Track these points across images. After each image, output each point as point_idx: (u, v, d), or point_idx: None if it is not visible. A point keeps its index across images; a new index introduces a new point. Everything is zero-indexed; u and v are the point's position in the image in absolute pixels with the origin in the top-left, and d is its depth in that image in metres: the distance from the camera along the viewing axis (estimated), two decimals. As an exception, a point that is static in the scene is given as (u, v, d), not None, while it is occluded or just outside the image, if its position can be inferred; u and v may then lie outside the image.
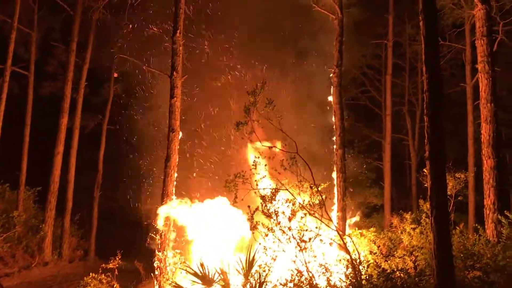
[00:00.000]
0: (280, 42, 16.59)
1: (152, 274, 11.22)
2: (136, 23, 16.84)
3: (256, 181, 8.44)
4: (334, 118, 11.66)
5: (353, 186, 18.76)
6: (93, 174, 19.97)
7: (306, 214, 8.05)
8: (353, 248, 8.20)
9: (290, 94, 15.39)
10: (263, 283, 7.79)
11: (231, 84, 16.14)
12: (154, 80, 16.80)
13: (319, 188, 8.30)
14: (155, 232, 11.29)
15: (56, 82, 20.51)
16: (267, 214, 8.03)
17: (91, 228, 19.50)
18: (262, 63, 16.14)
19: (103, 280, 9.80)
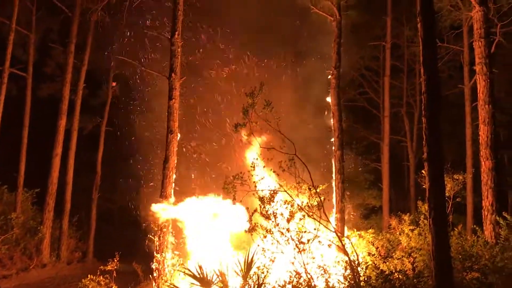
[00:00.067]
0: (278, 44, 16.60)
1: (150, 276, 11.21)
2: (134, 25, 16.84)
3: (254, 182, 8.45)
4: (332, 120, 11.69)
5: (351, 188, 18.77)
6: (91, 176, 19.93)
7: (304, 216, 8.06)
8: (351, 249, 8.22)
9: (289, 96, 15.39)
10: (261, 284, 7.79)
11: (227, 77, 16.13)
12: (153, 82, 16.79)
13: (318, 190, 8.31)
14: (153, 234, 11.28)
15: (54, 83, 20.46)
16: (265, 216, 8.04)
17: (90, 229, 19.47)
18: (260, 64, 16.16)
19: (101, 282, 9.79)
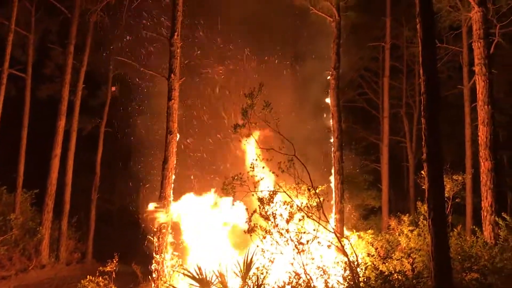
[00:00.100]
0: (277, 44, 16.60)
1: (149, 277, 11.19)
2: (133, 26, 16.84)
3: (254, 183, 8.44)
4: (332, 120, 11.69)
5: (351, 188, 18.77)
6: (90, 177, 19.92)
7: (304, 217, 8.06)
8: (351, 250, 8.21)
9: (288, 96, 15.39)
10: (260, 285, 7.78)
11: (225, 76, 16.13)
12: (152, 83, 16.79)
13: (317, 190, 8.30)
14: (152, 235, 11.26)
15: (53, 84, 20.46)
16: (265, 217, 8.03)
17: (89, 230, 19.45)
18: (259, 65, 16.16)
19: (100, 283, 9.79)
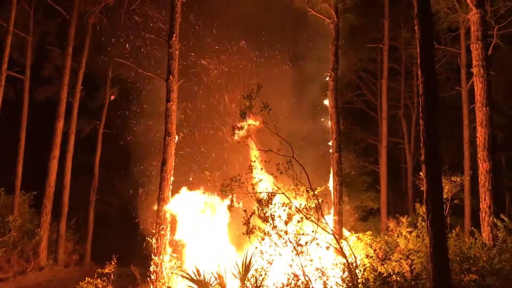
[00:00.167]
0: (276, 46, 16.61)
1: (148, 279, 11.17)
2: (132, 27, 16.80)
3: (253, 184, 8.44)
4: (330, 122, 11.70)
5: (349, 190, 18.77)
6: (89, 178, 19.90)
7: (302, 218, 8.05)
8: (349, 252, 8.21)
9: (286, 98, 15.39)
10: (259, 287, 7.78)
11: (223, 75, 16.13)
12: (150, 84, 16.77)
13: (315, 192, 8.31)
14: (151, 237, 11.25)
15: (51, 86, 20.46)
16: (263, 218, 8.03)
17: (87, 232, 19.43)
18: (258, 66, 16.16)
19: (98, 285, 9.78)
